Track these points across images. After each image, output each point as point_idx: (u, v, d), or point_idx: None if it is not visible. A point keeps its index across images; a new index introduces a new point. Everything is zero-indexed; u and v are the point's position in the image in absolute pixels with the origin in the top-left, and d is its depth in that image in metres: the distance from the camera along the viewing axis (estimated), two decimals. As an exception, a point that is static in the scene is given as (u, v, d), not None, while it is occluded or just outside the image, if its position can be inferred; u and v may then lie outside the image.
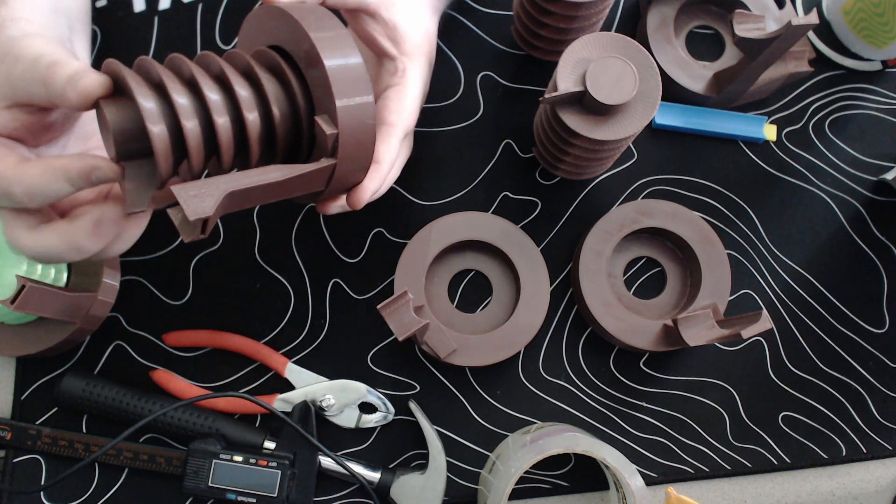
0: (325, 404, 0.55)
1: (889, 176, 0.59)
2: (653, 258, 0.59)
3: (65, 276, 0.53)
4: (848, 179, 0.61)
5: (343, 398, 0.55)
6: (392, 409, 0.55)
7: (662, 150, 0.60)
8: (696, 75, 0.60)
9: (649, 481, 0.56)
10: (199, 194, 0.34)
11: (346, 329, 0.57)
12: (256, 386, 0.57)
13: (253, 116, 0.37)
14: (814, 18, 0.48)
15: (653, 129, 0.61)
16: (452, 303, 0.58)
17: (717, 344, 0.58)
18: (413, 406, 0.55)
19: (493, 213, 0.59)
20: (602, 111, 0.48)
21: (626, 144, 0.52)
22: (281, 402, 0.55)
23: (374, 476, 0.53)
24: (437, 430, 0.56)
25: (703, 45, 0.62)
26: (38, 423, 0.55)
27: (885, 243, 0.60)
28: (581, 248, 0.56)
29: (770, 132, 0.61)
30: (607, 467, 0.50)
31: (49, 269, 0.53)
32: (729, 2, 0.61)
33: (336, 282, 0.58)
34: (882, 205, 0.60)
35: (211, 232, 0.58)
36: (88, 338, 0.57)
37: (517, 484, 0.55)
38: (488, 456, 0.55)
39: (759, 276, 0.59)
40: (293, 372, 0.56)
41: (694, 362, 0.58)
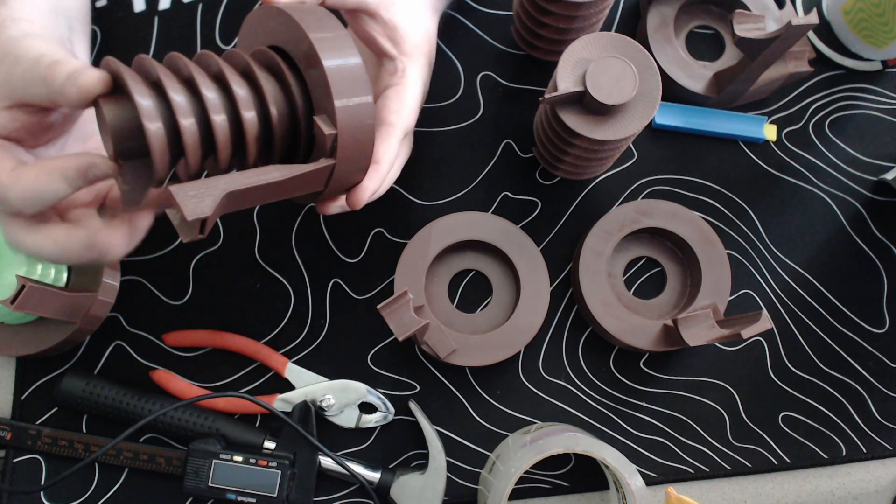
0: (325, 404, 0.55)
1: (889, 176, 0.59)
2: (653, 258, 0.59)
3: (65, 276, 0.53)
4: (848, 179, 0.60)
5: (343, 398, 0.55)
6: (392, 409, 0.55)
7: (662, 150, 0.60)
8: (696, 75, 0.60)
9: (649, 481, 0.56)
10: (198, 194, 0.34)
11: (346, 329, 0.57)
12: (256, 386, 0.57)
13: (250, 115, 0.37)
14: (814, 18, 0.48)
15: (653, 129, 0.61)
16: (452, 303, 0.58)
17: (717, 344, 0.58)
18: (413, 406, 0.55)
19: (493, 213, 0.59)
20: (602, 111, 0.48)
21: (626, 144, 0.52)
22: (281, 402, 0.55)
23: (374, 476, 0.53)
24: (437, 430, 0.56)
25: (703, 45, 0.62)
26: (38, 423, 0.55)
27: (885, 243, 0.60)
28: (581, 248, 0.56)
29: (770, 132, 0.61)
30: (607, 467, 0.50)
31: (49, 269, 0.53)
32: (729, 2, 0.61)
33: (336, 282, 0.58)
34: (882, 205, 0.60)
35: (210, 232, 0.58)
36: (88, 338, 0.57)
37: (517, 484, 0.55)
38: (488, 456, 0.55)
39: (759, 276, 0.59)
40: (293, 372, 0.56)
41: (694, 362, 0.58)
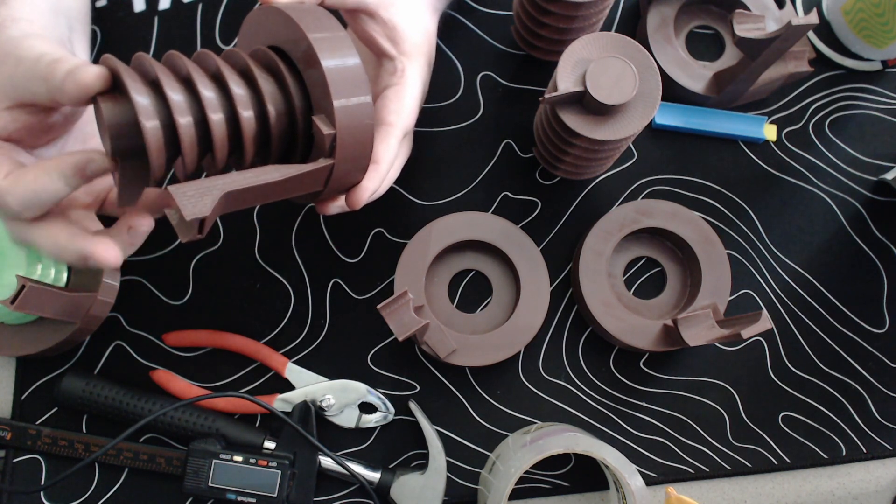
0: (325, 404, 0.55)
1: (889, 176, 0.59)
2: (653, 258, 0.59)
3: (65, 276, 0.53)
4: (848, 179, 0.60)
5: (343, 398, 0.55)
6: (392, 409, 0.55)
7: (662, 150, 0.60)
8: (696, 75, 0.60)
9: (649, 481, 0.56)
10: (196, 194, 0.34)
11: (346, 329, 0.57)
12: (256, 386, 0.57)
13: (248, 115, 0.37)
14: (814, 18, 0.48)
15: (653, 129, 0.61)
16: (452, 303, 0.58)
17: (717, 344, 0.58)
18: (413, 406, 0.55)
19: (493, 213, 0.59)
20: (602, 111, 0.48)
21: (626, 144, 0.52)
22: (281, 402, 0.55)
23: (374, 476, 0.53)
24: (437, 430, 0.56)
25: (703, 45, 0.62)
26: (38, 423, 0.55)
27: (885, 243, 0.60)
28: (581, 248, 0.56)
29: (770, 132, 0.60)
30: (607, 467, 0.50)
31: (49, 269, 0.53)
32: (729, 2, 0.61)
33: (336, 282, 0.58)
34: (882, 205, 0.60)
35: (209, 232, 0.58)
36: (88, 338, 0.57)
37: (517, 484, 0.55)
38: (488, 456, 0.55)
39: (759, 276, 0.59)
40: (293, 372, 0.56)
41: (694, 362, 0.57)
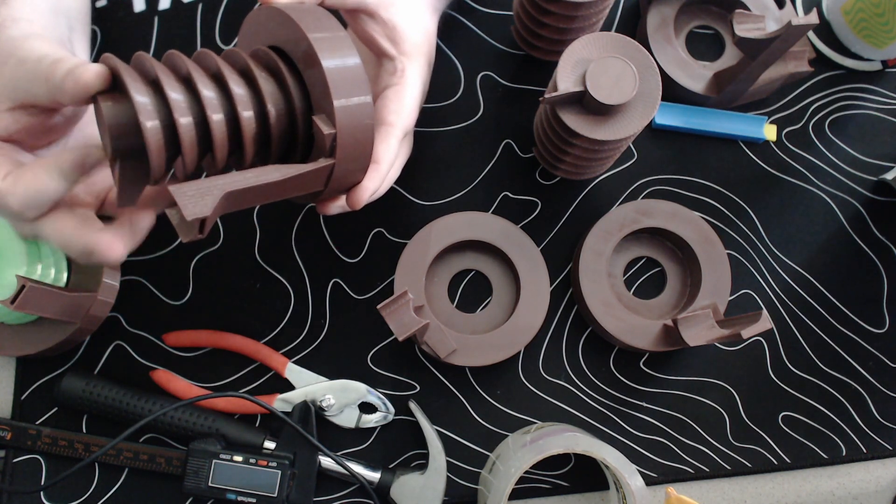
0: (325, 404, 0.55)
1: (889, 176, 0.59)
2: (653, 258, 0.59)
3: (65, 276, 0.53)
4: (848, 179, 0.60)
5: (343, 398, 0.55)
6: (392, 409, 0.55)
7: (662, 150, 0.60)
8: (696, 75, 0.60)
9: (649, 481, 0.56)
10: (197, 194, 0.34)
11: (346, 329, 0.57)
12: (256, 386, 0.57)
13: (248, 114, 0.37)
14: (814, 18, 0.48)
15: (653, 129, 0.61)
16: (452, 303, 0.58)
17: (717, 344, 0.58)
18: (413, 406, 0.55)
19: (493, 213, 0.59)
20: (602, 111, 0.48)
21: (626, 144, 0.52)
22: (281, 402, 0.55)
23: (374, 476, 0.53)
24: (437, 430, 0.56)
25: (703, 45, 0.62)
26: (38, 423, 0.55)
27: (885, 243, 0.60)
28: (581, 248, 0.56)
29: (770, 132, 0.61)
30: (607, 467, 0.50)
31: (49, 269, 0.53)
32: (729, 2, 0.61)
33: (336, 282, 0.58)
34: (882, 205, 0.60)
35: (210, 232, 0.58)
36: (88, 338, 0.57)
37: (517, 484, 0.55)
38: (488, 456, 0.55)
39: (759, 276, 0.59)
40: (293, 372, 0.56)
41: (694, 362, 0.57)
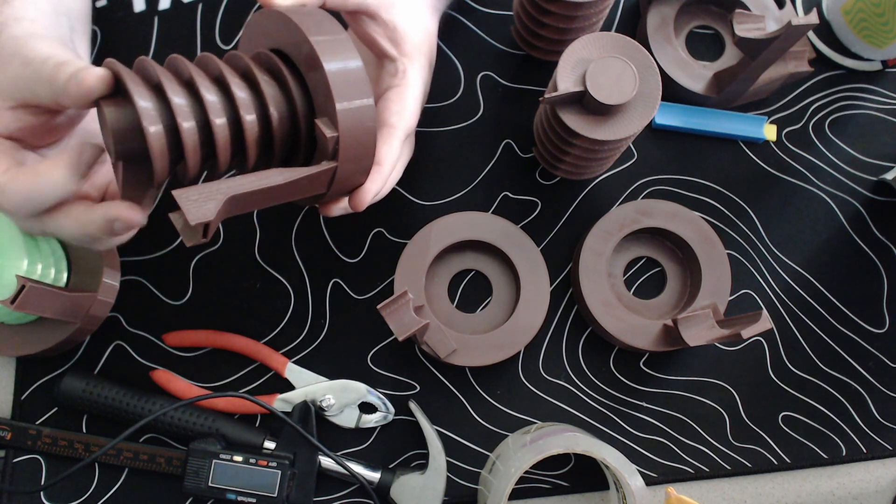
0: (325, 404, 0.55)
1: (889, 176, 0.59)
2: (653, 258, 0.59)
3: (65, 276, 0.53)
4: (848, 179, 0.60)
5: (343, 398, 0.55)
6: (392, 409, 0.55)
7: (662, 150, 0.60)
8: (696, 75, 0.60)
9: (649, 481, 0.56)
10: (201, 199, 0.34)
11: (346, 329, 0.57)
12: (256, 386, 0.57)
13: (250, 118, 0.37)
14: (814, 18, 0.48)
15: (653, 129, 0.61)
16: (452, 303, 0.58)
17: (717, 344, 0.58)
18: (413, 406, 0.55)
19: (493, 213, 0.59)
20: (602, 111, 0.48)
21: (626, 144, 0.52)
22: (281, 402, 0.55)
23: (374, 476, 0.53)
24: (437, 430, 0.56)
25: (703, 45, 0.62)
26: (38, 423, 0.55)
27: (885, 243, 0.60)
28: (581, 248, 0.56)
29: (770, 132, 0.61)
30: (607, 467, 0.50)
31: (49, 269, 0.53)
32: (729, 2, 0.61)
33: (336, 282, 0.58)
34: (882, 205, 0.60)
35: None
36: (88, 338, 0.57)
37: (517, 484, 0.55)
38: (488, 456, 0.55)
39: (759, 276, 0.59)
40: (293, 372, 0.56)
41: (694, 362, 0.58)
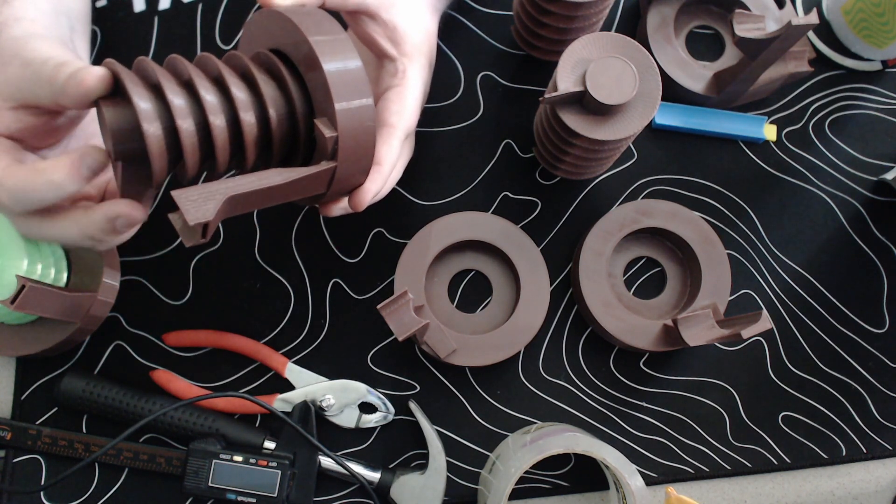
0: (325, 404, 0.55)
1: (889, 176, 0.59)
2: (653, 258, 0.59)
3: (65, 276, 0.53)
4: (848, 179, 0.60)
5: (343, 398, 0.55)
6: (392, 409, 0.55)
7: (662, 150, 0.60)
8: (696, 75, 0.60)
9: (649, 481, 0.56)
10: (200, 199, 0.34)
11: (346, 329, 0.57)
12: (256, 386, 0.57)
13: (249, 118, 0.37)
14: (814, 18, 0.48)
15: (653, 129, 0.61)
16: (452, 303, 0.58)
17: (717, 344, 0.58)
18: (413, 406, 0.55)
19: (493, 213, 0.59)
20: (602, 111, 0.48)
21: (626, 144, 0.52)
22: (281, 402, 0.55)
23: (374, 476, 0.53)
24: (437, 430, 0.56)
25: (703, 45, 0.62)
26: (38, 423, 0.55)
27: (885, 243, 0.60)
28: (581, 248, 0.56)
29: (770, 132, 0.61)
30: (607, 467, 0.50)
31: (49, 269, 0.53)
32: (729, 2, 0.61)
33: (336, 282, 0.58)
34: (882, 205, 0.60)
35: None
36: (88, 338, 0.57)
37: (517, 484, 0.55)
38: (488, 456, 0.55)
39: (759, 276, 0.59)
40: (293, 372, 0.56)
41: (694, 362, 0.58)
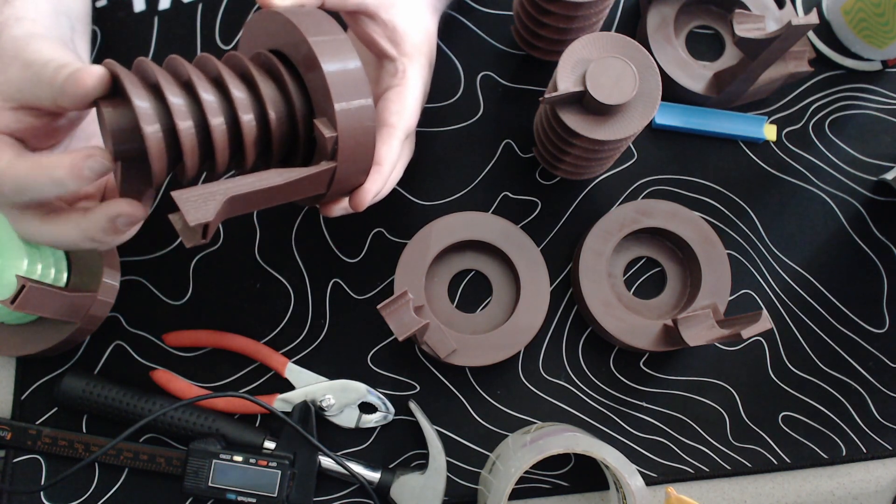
0: (325, 404, 0.55)
1: (889, 176, 0.59)
2: (653, 258, 0.59)
3: (65, 276, 0.53)
4: (848, 179, 0.60)
5: (343, 398, 0.55)
6: (392, 409, 0.55)
7: (662, 150, 0.60)
8: (696, 75, 0.60)
9: (649, 481, 0.56)
10: (200, 200, 0.34)
11: (346, 329, 0.57)
12: (256, 386, 0.57)
13: (248, 118, 0.37)
14: (814, 18, 0.48)
15: (653, 129, 0.61)
16: (452, 303, 0.58)
17: (717, 344, 0.58)
18: (413, 406, 0.55)
19: (493, 213, 0.59)
20: (602, 111, 0.48)
21: (626, 144, 0.52)
22: (281, 402, 0.55)
23: (374, 476, 0.53)
24: (437, 430, 0.56)
25: (703, 45, 0.62)
26: (38, 423, 0.55)
27: (885, 243, 0.60)
28: (581, 248, 0.56)
29: (770, 132, 0.61)
30: (607, 467, 0.50)
31: (49, 269, 0.53)
32: (729, 2, 0.61)
33: (336, 282, 0.58)
34: (882, 205, 0.60)
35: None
36: (88, 338, 0.57)
37: (517, 484, 0.55)
38: (488, 456, 0.55)
39: (759, 276, 0.59)
40: (293, 372, 0.56)
41: (694, 362, 0.58)
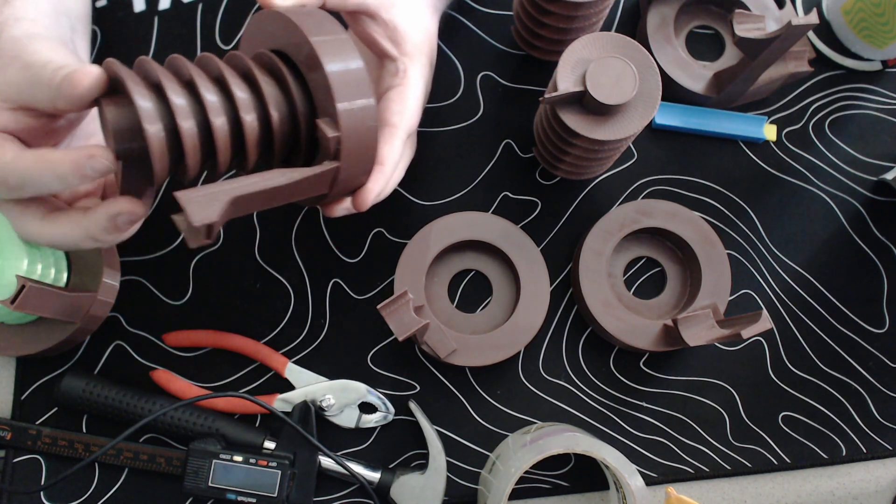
0: (325, 404, 0.55)
1: (889, 176, 0.59)
2: (653, 258, 0.59)
3: (65, 276, 0.53)
4: (848, 179, 0.61)
5: (343, 398, 0.55)
6: (392, 409, 0.55)
7: (662, 150, 0.60)
8: (696, 75, 0.60)
9: (649, 481, 0.56)
10: (204, 200, 0.34)
11: (346, 329, 0.57)
12: (256, 386, 0.57)
13: (250, 118, 0.37)
14: (814, 18, 0.48)
15: (653, 129, 0.61)
16: (452, 303, 0.58)
17: (717, 344, 0.58)
18: (413, 406, 0.55)
19: (493, 213, 0.59)
20: (602, 111, 0.48)
21: (626, 144, 0.52)
22: (281, 402, 0.55)
23: (374, 476, 0.53)
24: (437, 430, 0.56)
25: (703, 45, 0.62)
26: (38, 423, 0.55)
27: (885, 243, 0.60)
28: (581, 248, 0.56)
29: (770, 132, 0.61)
30: (607, 467, 0.50)
31: (49, 269, 0.53)
32: (729, 2, 0.61)
33: (336, 282, 0.58)
34: (882, 205, 0.60)
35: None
36: (88, 338, 0.57)
37: (517, 484, 0.55)
38: (488, 456, 0.55)
39: (759, 276, 0.59)
40: (293, 372, 0.56)
41: (694, 362, 0.58)
